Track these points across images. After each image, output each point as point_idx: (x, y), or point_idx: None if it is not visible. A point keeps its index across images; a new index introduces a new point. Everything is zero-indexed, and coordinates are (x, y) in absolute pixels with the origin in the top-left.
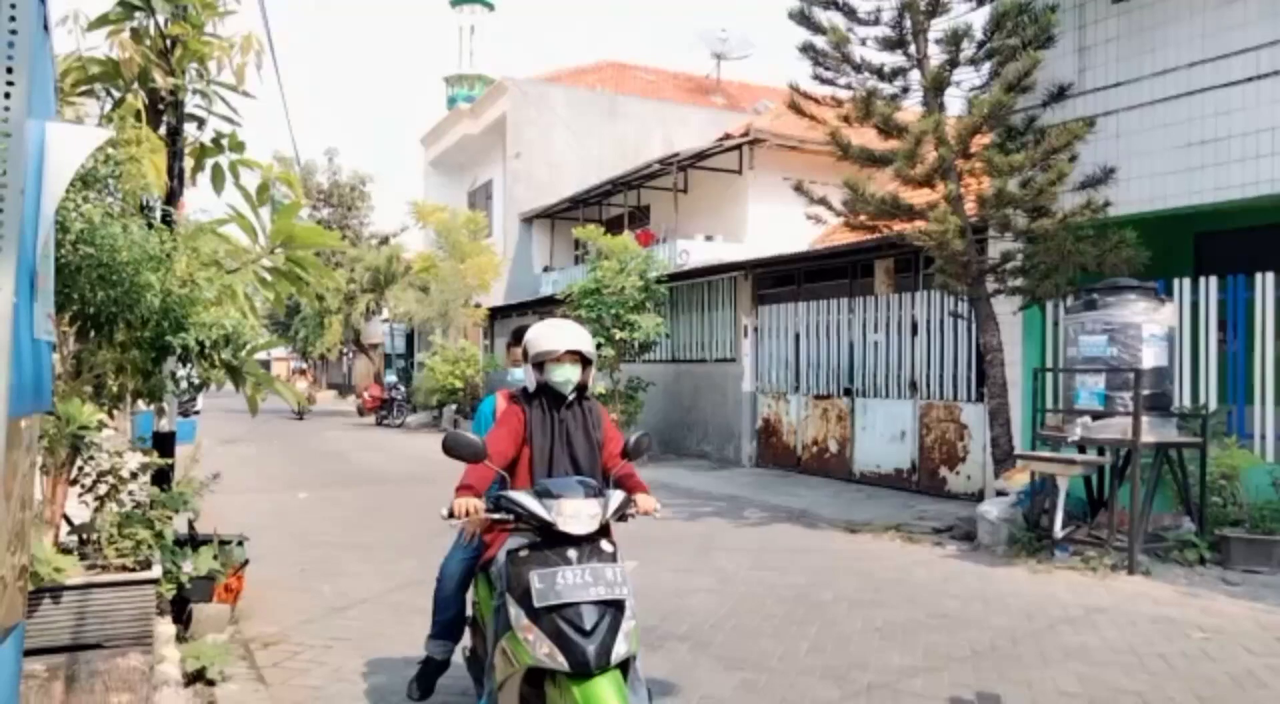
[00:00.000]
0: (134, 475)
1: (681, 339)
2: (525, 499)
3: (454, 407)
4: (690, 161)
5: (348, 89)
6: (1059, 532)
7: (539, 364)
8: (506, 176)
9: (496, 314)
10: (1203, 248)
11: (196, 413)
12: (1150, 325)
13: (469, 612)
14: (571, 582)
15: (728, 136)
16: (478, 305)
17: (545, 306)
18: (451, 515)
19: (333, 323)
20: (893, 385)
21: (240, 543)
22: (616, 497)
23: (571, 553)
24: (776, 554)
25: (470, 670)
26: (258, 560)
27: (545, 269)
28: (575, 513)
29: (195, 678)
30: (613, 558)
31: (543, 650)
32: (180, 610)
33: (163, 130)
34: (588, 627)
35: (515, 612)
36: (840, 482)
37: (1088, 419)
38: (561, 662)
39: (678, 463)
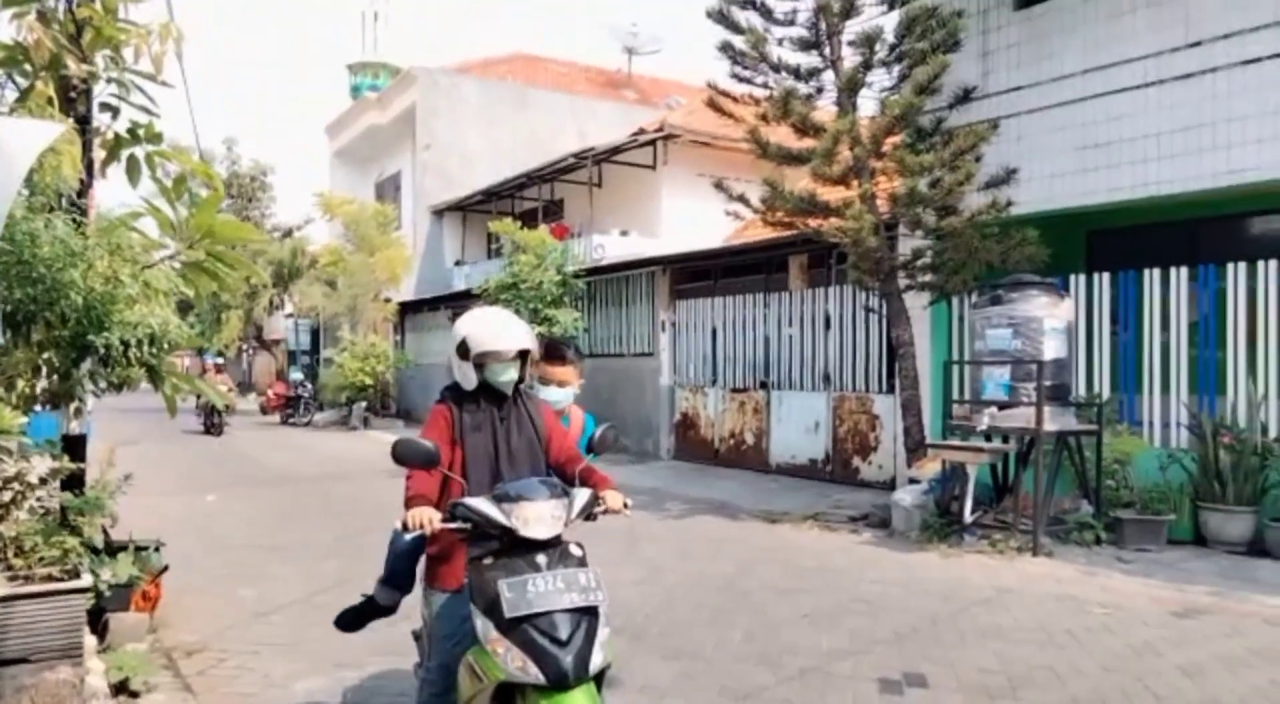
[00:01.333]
0: (43, 481)
1: (599, 334)
2: (482, 506)
3: (364, 404)
4: (605, 156)
5: (245, 74)
6: (969, 517)
7: (480, 363)
8: (416, 168)
9: (407, 309)
10: (1094, 245)
11: (87, 413)
12: (1051, 319)
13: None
14: (543, 589)
15: (642, 131)
16: (387, 300)
17: (459, 301)
18: (406, 529)
19: (231, 318)
20: (807, 378)
21: (157, 548)
22: (582, 496)
23: (540, 558)
24: (701, 545)
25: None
26: (171, 567)
27: (457, 263)
28: (538, 516)
29: (118, 690)
30: (582, 562)
31: (515, 664)
32: (96, 620)
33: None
34: (563, 637)
35: (483, 624)
36: (757, 473)
37: (994, 409)
38: (537, 675)
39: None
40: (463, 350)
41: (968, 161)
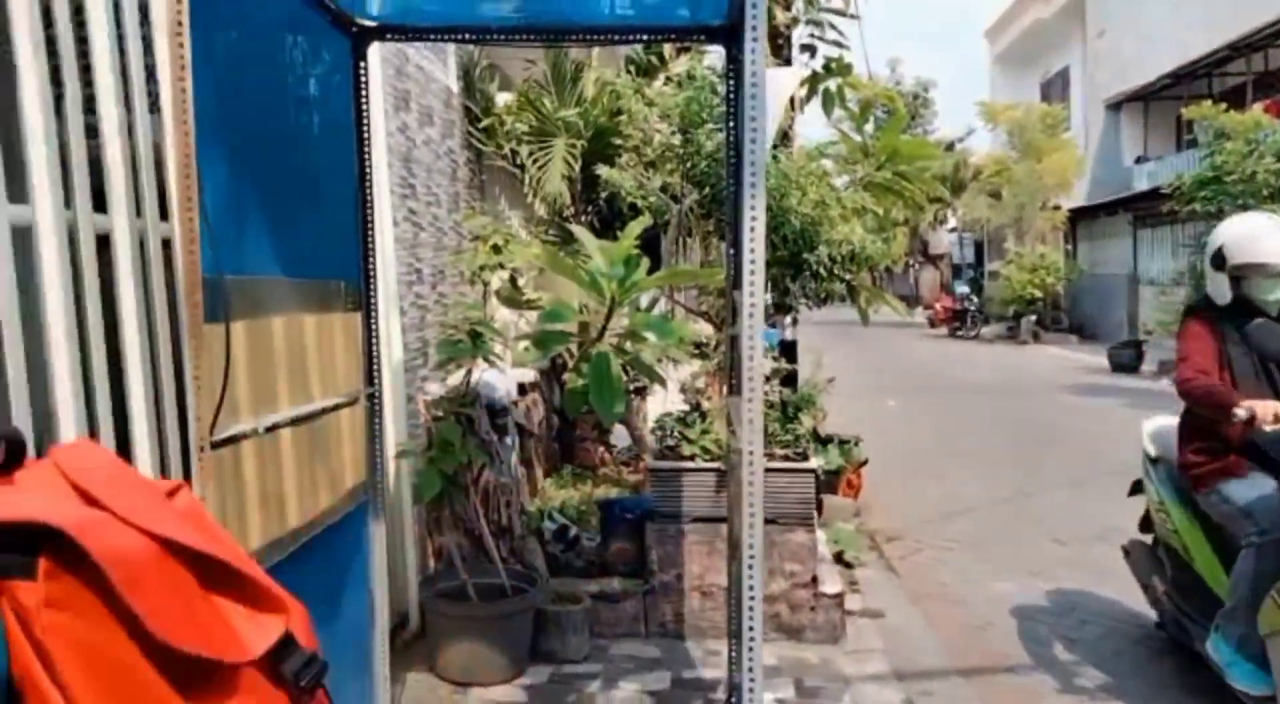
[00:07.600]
0: (767, 379)
1: None
2: None
3: (1033, 318)
4: None
5: None
6: None
7: (1237, 276)
8: (1086, 60)
9: (1078, 215)
10: None
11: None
12: None
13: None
14: None
15: None
16: (1056, 207)
17: (1141, 203)
18: (1252, 421)
19: (897, 234)
20: None
21: (857, 443)
22: None
23: None
24: None
25: (1137, 574)
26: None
27: (1138, 160)
28: None
29: (836, 559)
30: None
31: None
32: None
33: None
34: None
35: None
36: None
37: None
38: None
39: None
40: (1217, 260)
41: None
